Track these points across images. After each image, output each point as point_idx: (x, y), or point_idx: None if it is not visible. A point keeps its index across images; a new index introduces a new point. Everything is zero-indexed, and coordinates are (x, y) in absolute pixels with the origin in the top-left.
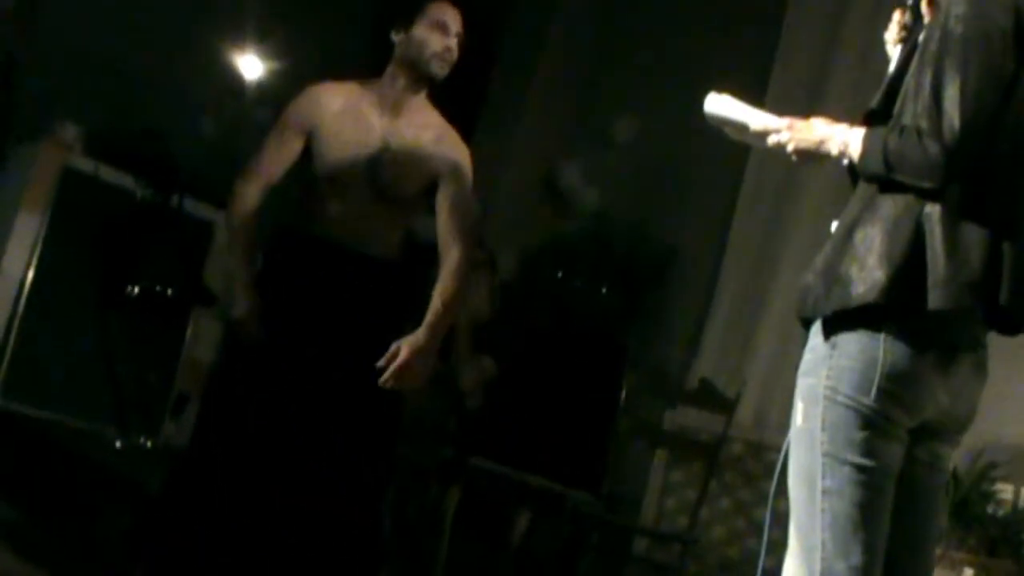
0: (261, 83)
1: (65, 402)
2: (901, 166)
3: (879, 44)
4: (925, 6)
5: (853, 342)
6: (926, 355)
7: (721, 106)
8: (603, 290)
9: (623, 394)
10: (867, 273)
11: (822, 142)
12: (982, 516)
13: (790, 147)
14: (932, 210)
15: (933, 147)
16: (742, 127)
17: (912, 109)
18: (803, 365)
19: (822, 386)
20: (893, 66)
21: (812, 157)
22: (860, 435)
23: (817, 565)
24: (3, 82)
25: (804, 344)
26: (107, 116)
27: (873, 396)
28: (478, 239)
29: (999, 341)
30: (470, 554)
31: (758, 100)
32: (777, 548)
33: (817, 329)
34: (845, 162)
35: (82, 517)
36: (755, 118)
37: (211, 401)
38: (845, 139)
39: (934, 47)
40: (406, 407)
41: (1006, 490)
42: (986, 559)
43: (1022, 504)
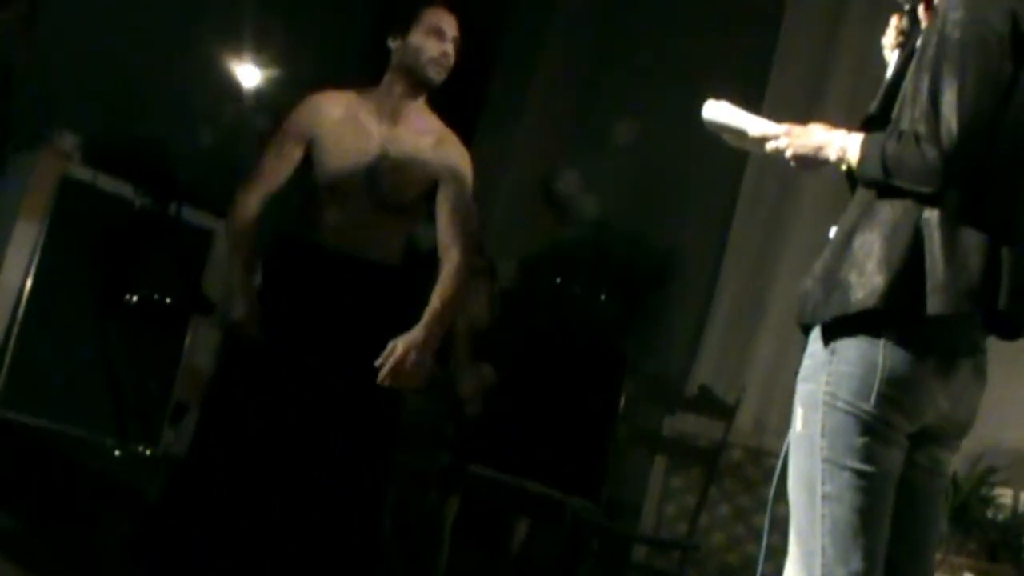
0: (259, 91)
1: (64, 410)
2: (899, 171)
3: (877, 48)
4: (922, 11)
5: (852, 348)
6: (926, 360)
7: (719, 113)
8: (602, 296)
9: (622, 400)
10: (866, 279)
11: (820, 148)
12: (982, 521)
13: (789, 153)
14: (931, 215)
15: (931, 152)
16: (741, 134)
17: (910, 114)
18: (802, 371)
19: (822, 392)
20: (891, 71)
21: (811, 163)
22: (860, 441)
23: (817, 571)
24: (2, 90)
25: (803, 350)
26: (106, 125)
27: (873, 402)
28: (478, 242)
29: (998, 345)
30: (470, 561)
31: (756, 103)
32: (777, 554)
33: (816, 335)
34: (844, 168)
35: (81, 525)
36: (753, 124)
37: (211, 408)
38: (843, 145)
39: (931, 52)
40: (405, 413)
41: (1006, 495)
42: (986, 564)
43: (1022, 509)
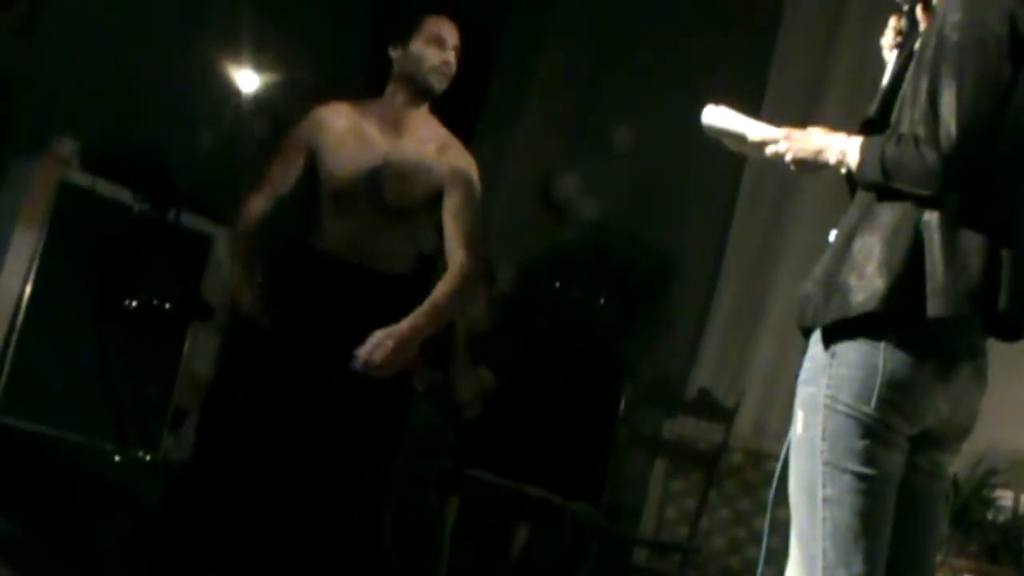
0: (258, 97)
1: (63, 416)
2: (899, 174)
3: (876, 50)
4: (921, 12)
5: (853, 351)
6: (926, 363)
7: (718, 118)
8: (601, 300)
9: (622, 404)
10: (866, 282)
11: (820, 151)
12: (982, 523)
13: (788, 157)
14: (930, 217)
15: (930, 154)
16: (740, 138)
17: (909, 117)
18: (803, 374)
19: (822, 395)
20: (889, 72)
21: (810, 167)
22: (860, 444)
23: (818, 574)
24: (1, 97)
25: (803, 353)
26: (104, 130)
27: (873, 405)
28: (483, 244)
29: (998, 347)
30: (470, 566)
31: (755, 105)
32: (778, 557)
33: (817, 338)
34: (843, 171)
35: (81, 531)
36: (753, 129)
37: (210, 413)
38: (843, 148)
39: (930, 54)
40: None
41: (1006, 496)
42: (987, 566)
43: (1022, 510)
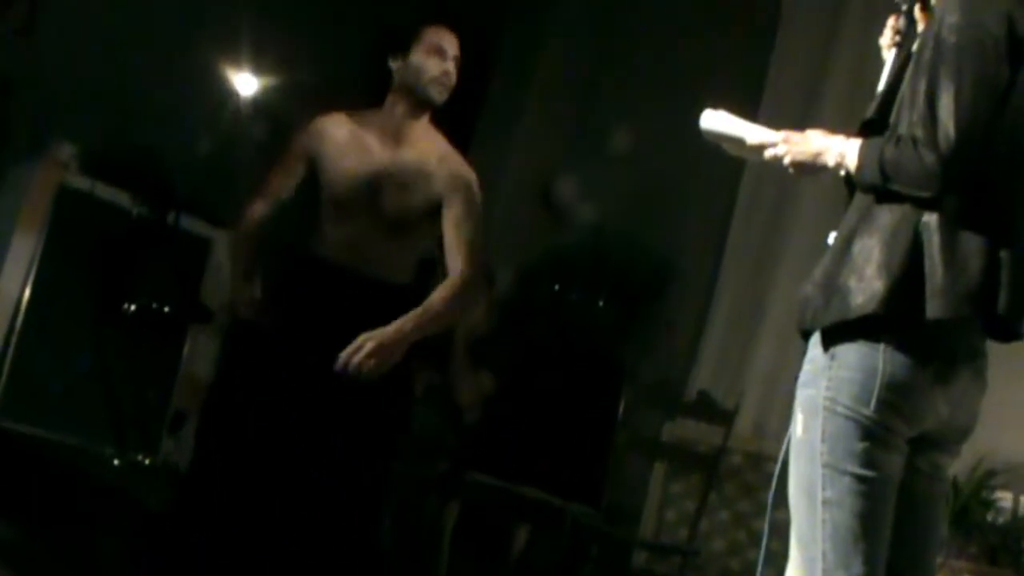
0: (256, 100)
1: (62, 420)
2: (898, 176)
3: (874, 52)
4: (919, 11)
5: (852, 353)
6: (925, 365)
7: (717, 122)
8: (600, 303)
9: (621, 406)
10: (866, 284)
11: (819, 154)
12: (982, 524)
13: (787, 160)
14: (930, 219)
15: (929, 156)
16: (739, 142)
17: (908, 119)
18: (802, 376)
19: (821, 397)
20: (886, 73)
21: (809, 169)
22: (860, 446)
23: None
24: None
25: (802, 355)
26: (103, 134)
27: (873, 407)
28: (484, 257)
29: (997, 349)
30: (470, 568)
31: (753, 107)
32: (778, 560)
33: (816, 340)
34: (842, 173)
35: (80, 535)
36: (751, 133)
37: (210, 418)
38: (842, 151)
39: (928, 56)
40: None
41: (1006, 498)
42: (986, 567)
43: (1022, 512)
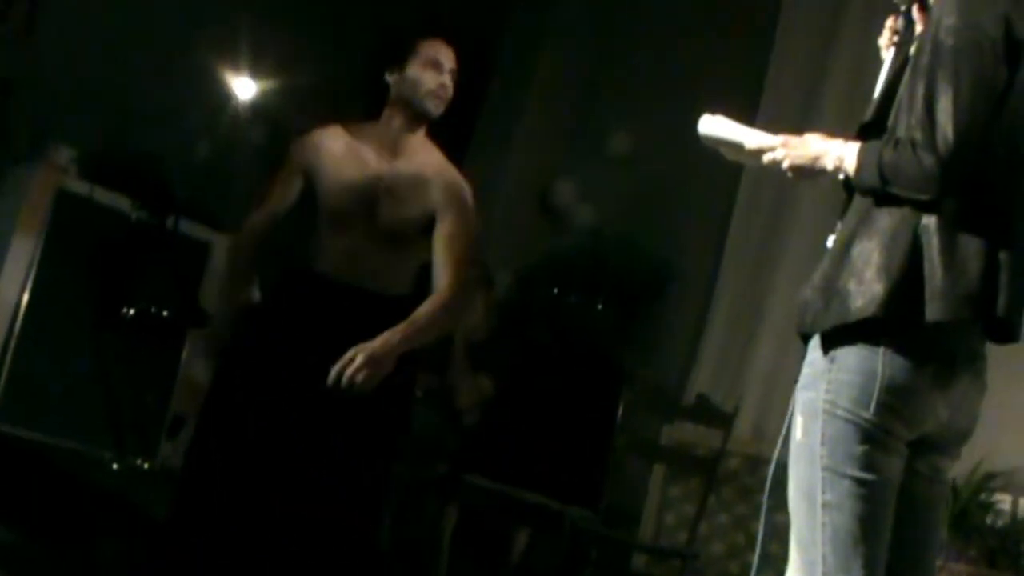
0: (255, 105)
1: (61, 423)
2: (897, 179)
3: (873, 55)
4: (917, 12)
5: (852, 356)
6: (925, 368)
7: (715, 127)
8: (599, 306)
9: (620, 410)
10: (866, 287)
11: (817, 158)
12: (981, 527)
13: (786, 164)
14: (929, 222)
15: (928, 159)
16: (737, 147)
17: (906, 121)
18: (802, 379)
19: (821, 400)
20: (884, 74)
21: (808, 173)
22: (860, 449)
23: None
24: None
25: (801, 358)
26: (102, 138)
27: (872, 410)
28: (471, 273)
29: (996, 351)
30: (469, 572)
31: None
32: (778, 563)
33: (816, 343)
34: (841, 177)
35: (79, 539)
36: (750, 137)
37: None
38: (840, 154)
39: (926, 59)
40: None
41: (1004, 501)
42: (986, 570)
43: (1021, 515)
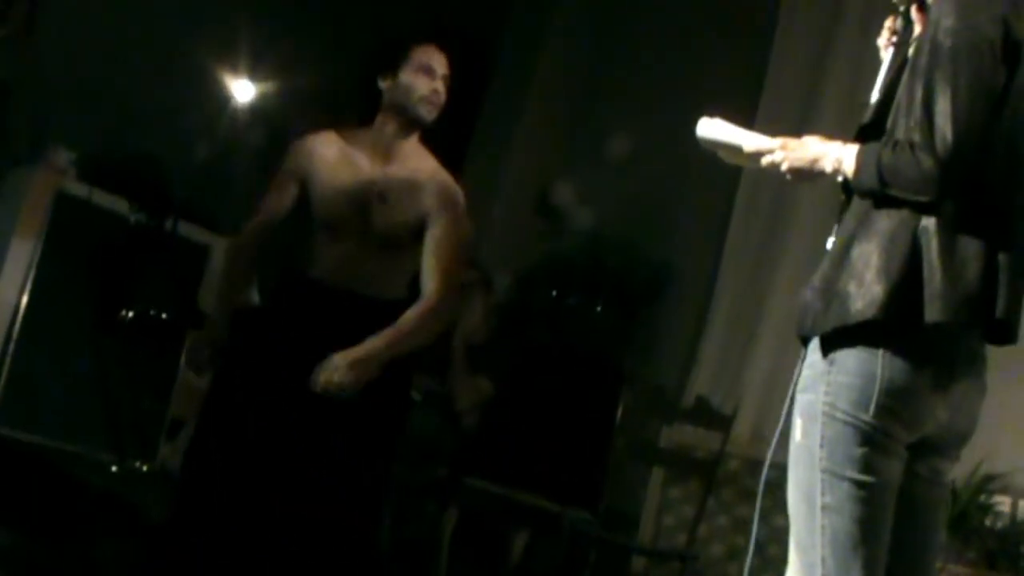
0: (254, 107)
1: (60, 426)
2: (895, 181)
3: (872, 56)
4: (915, 13)
5: (851, 358)
6: (924, 370)
7: (713, 130)
8: (598, 308)
9: (619, 412)
10: (865, 289)
11: (816, 160)
12: (980, 529)
13: (784, 167)
14: (928, 224)
15: (927, 161)
16: (736, 149)
17: (904, 123)
18: (801, 381)
19: (820, 402)
20: (882, 76)
21: (807, 176)
22: (859, 451)
23: None
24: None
25: (801, 360)
26: (101, 140)
27: (872, 412)
28: (464, 277)
29: (995, 352)
30: (469, 574)
31: (751, 108)
32: (778, 564)
33: (815, 345)
34: (840, 179)
35: (78, 541)
36: (748, 140)
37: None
38: (839, 156)
39: (924, 60)
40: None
41: (1004, 503)
42: (985, 572)
43: (1020, 516)
